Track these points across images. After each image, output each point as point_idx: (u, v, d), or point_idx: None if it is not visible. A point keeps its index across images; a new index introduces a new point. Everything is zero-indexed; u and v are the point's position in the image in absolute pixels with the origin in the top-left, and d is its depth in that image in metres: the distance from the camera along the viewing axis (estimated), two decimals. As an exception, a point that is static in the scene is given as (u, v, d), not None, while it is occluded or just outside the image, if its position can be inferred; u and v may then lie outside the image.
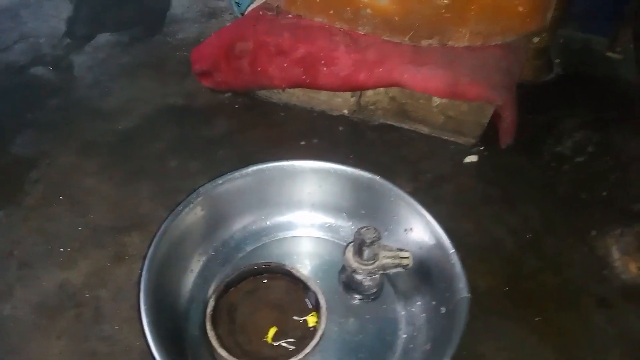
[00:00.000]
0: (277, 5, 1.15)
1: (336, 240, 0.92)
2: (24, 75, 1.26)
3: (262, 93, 1.24)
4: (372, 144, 1.16)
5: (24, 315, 0.81)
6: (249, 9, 1.18)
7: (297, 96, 1.23)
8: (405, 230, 0.87)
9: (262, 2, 1.15)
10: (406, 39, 1.07)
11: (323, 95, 1.20)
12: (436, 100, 1.10)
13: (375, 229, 0.78)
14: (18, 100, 1.20)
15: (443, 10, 1.01)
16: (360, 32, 1.10)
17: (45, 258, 0.88)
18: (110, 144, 1.10)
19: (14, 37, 1.37)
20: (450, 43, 1.07)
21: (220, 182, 0.87)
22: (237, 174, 0.88)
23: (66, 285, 0.85)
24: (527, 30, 1.09)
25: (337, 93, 1.18)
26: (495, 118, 1.10)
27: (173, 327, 0.74)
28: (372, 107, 1.19)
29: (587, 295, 0.91)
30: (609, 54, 1.51)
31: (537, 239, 0.99)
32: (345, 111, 1.22)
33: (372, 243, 0.77)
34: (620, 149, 1.18)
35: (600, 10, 1.51)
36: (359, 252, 0.79)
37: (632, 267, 0.95)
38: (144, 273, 0.71)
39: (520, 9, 1.02)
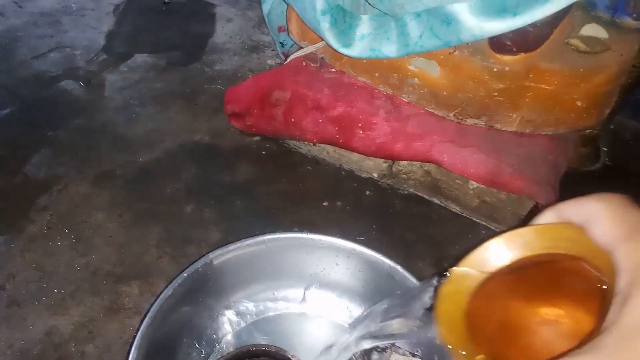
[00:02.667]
0: (322, 58, 1.10)
1: (345, 325, 0.86)
2: (52, 88, 1.23)
3: (292, 142, 1.19)
4: (399, 215, 1.09)
5: (3, 362, 0.76)
6: (292, 56, 1.13)
7: (328, 151, 1.17)
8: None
9: (307, 52, 1.10)
10: (451, 114, 1.01)
11: (354, 155, 1.14)
12: (473, 184, 1.03)
13: (391, 334, 0.72)
14: (42, 115, 1.16)
15: (496, 94, 0.94)
16: (403, 99, 1.04)
17: (37, 299, 0.83)
18: (126, 177, 1.05)
19: (50, 45, 1.34)
20: (497, 126, 1.01)
21: (232, 248, 0.80)
22: (250, 241, 0.82)
23: (53, 333, 0.80)
24: (581, 126, 1.02)
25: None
26: (534, 212, 1.02)
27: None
28: (404, 175, 1.13)
29: None
30: (661, 147, 1.42)
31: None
32: (375, 175, 1.16)
33: (384, 349, 0.70)
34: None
35: (657, 100, 1.43)
36: (368, 352, 0.73)
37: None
38: (132, 351, 0.65)
39: (579, 103, 0.95)
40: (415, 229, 1.07)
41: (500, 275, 0.41)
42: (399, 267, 0.82)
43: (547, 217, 0.37)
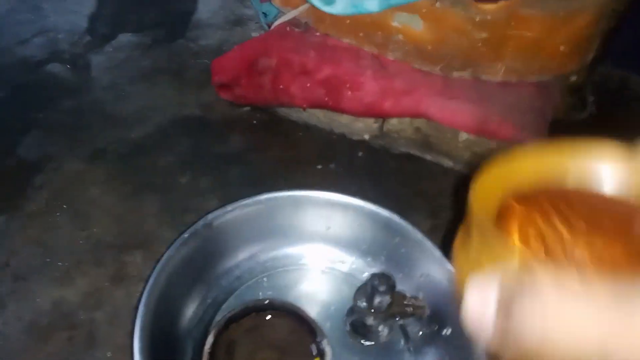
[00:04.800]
0: (305, 22, 1.10)
1: (347, 278, 0.88)
2: (39, 72, 1.23)
3: (282, 110, 1.20)
4: (392, 173, 1.11)
5: (14, 334, 0.77)
6: (276, 23, 1.13)
7: (318, 116, 1.18)
8: (421, 275, 0.82)
9: (290, 17, 1.10)
10: (437, 69, 1.02)
11: (344, 118, 1.15)
12: (463, 136, 1.05)
13: (390, 276, 0.74)
14: (30, 98, 1.16)
15: (480, 44, 0.96)
16: (389, 58, 1.05)
17: (42, 272, 0.84)
18: (120, 153, 1.05)
19: (32, 31, 1.34)
20: (483, 77, 1.02)
21: (230, 209, 0.82)
22: (248, 201, 0.83)
23: (61, 303, 0.81)
24: (566, 71, 1.03)
25: (360, 117, 1.13)
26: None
27: (167, 364, 0.70)
28: (394, 134, 1.14)
29: None
30: (646, 95, 1.44)
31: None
32: (367, 136, 1.17)
33: (385, 291, 0.72)
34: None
35: (640, 48, 1.45)
36: (370, 297, 0.75)
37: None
38: (140, 307, 0.66)
39: (562, 48, 0.97)
40: (409, 185, 1.09)
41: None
42: (395, 216, 0.84)
43: None
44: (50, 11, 1.42)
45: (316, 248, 0.89)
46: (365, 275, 0.86)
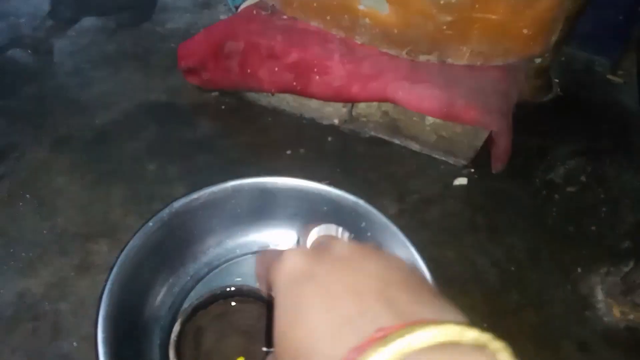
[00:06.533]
0: (273, 5, 1.09)
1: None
2: (-1, 58, 1.20)
3: (251, 95, 1.19)
4: (361, 158, 1.12)
5: (-23, 326, 0.76)
6: (243, 5, 1.12)
7: (287, 101, 1.17)
8: (387, 259, 0.83)
9: (257, 0, 1.09)
10: (404, 52, 1.03)
11: (314, 103, 1.15)
12: (429, 119, 1.06)
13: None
14: (-10, 85, 1.13)
15: (445, 27, 0.96)
16: (357, 42, 1.05)
17: (5, 263, 0.83)
18: (85, 140, 1.04)
19: (-8, 15, 1.30)
20: (449, 60, 1.03)
21: (196, 196, 0.82)
22: (214, 188, 0.83)
23: (25, 295, 0.80)
24: (530, 54, 1.04)
25: (328, 102, 1.13)
26: (489, 142, 1.06)
27: (134, 353, 0.70)
28: (363, 119, 1.15)
29: (567, 337, 0.87)
30: (611, 77, 1.47)
31: (520, 273, 0.95)
32: (336, 121, 1.17)
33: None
34: (612, 181, 1.15)
35: (605, 31, 1.47)
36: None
37: (616, 311, 0.92)
38: (104, 297, 0.66)
39: (525, 31, 0.98)
40: (377, 169, 1.10)
41: None
42: (361, 201, 0.85)
43: None
44: (10, -6, 1.38)
45: (283, 234, 0.89)
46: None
